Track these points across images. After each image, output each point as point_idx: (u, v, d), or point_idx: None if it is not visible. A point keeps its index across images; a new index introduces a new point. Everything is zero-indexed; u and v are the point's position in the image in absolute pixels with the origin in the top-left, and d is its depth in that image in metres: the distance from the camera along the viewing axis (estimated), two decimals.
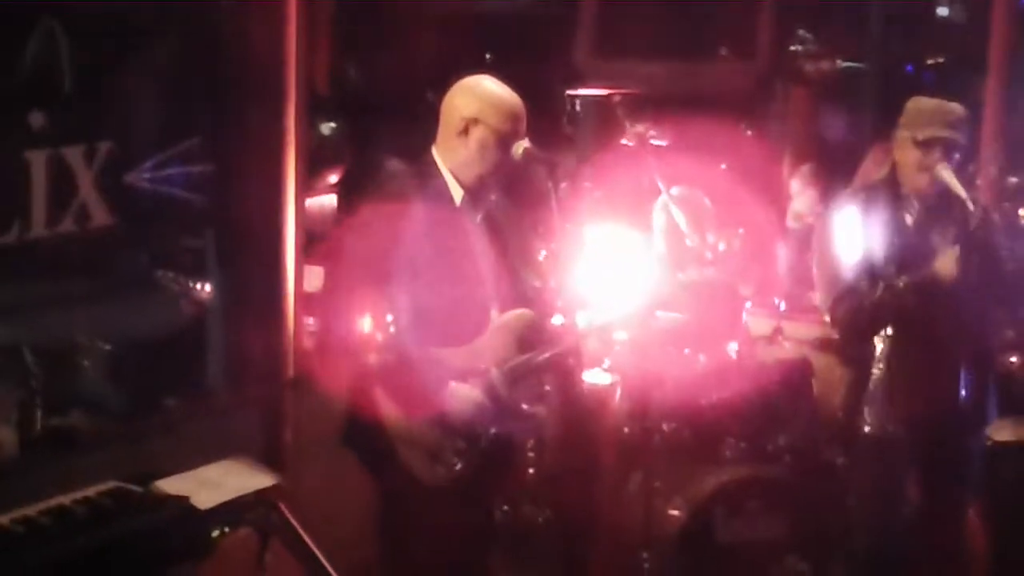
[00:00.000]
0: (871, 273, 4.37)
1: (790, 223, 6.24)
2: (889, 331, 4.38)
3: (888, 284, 4.31)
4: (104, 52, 4.12)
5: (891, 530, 4.48)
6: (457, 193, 3.86)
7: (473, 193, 3.88)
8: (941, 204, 4.34)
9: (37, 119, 3.92)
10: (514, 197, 4.04)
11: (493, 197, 3.91)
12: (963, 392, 4.40)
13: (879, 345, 4.39)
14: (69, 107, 4.00)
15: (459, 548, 3.85)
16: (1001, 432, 4.92)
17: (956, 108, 4.38)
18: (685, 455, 5.01)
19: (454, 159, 3.83)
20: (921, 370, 4.38)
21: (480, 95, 3.82)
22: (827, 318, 4.52)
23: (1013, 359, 5.17)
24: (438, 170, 3.85)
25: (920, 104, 4.41)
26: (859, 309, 4.36)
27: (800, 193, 6.23)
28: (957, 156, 4.35)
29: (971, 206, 4.23)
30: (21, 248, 3.91)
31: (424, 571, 3.84)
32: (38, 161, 3.91)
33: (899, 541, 4.48)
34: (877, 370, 4.40)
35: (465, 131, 3.80)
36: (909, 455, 4.45)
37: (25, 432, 3.69)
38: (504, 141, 3.78)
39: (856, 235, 4.39)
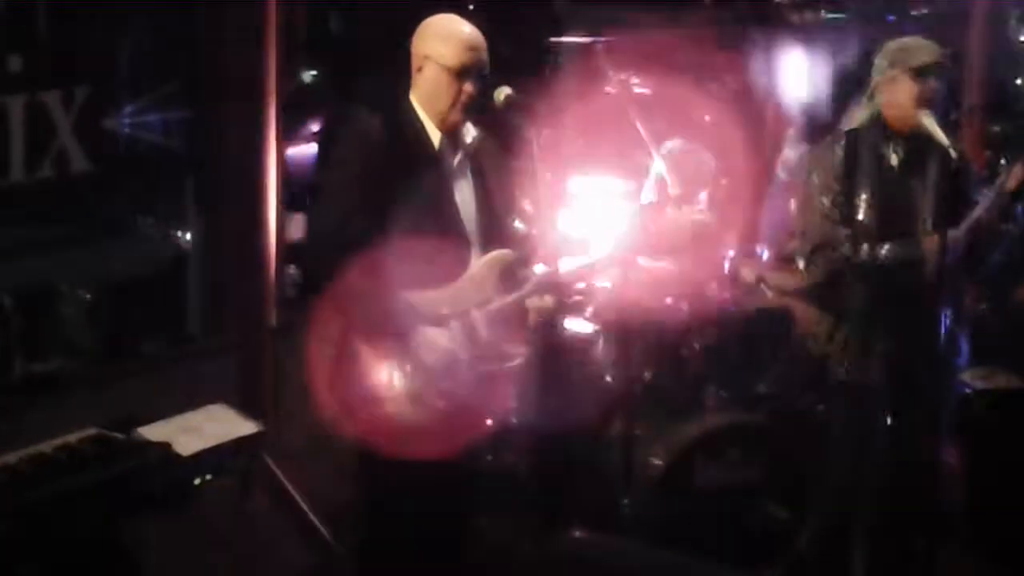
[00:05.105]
0: (852, 222, 4.37)
1: (780, 173, 6.23)
2: (867, 284, 4.39)
3: (870, 254, 4.31)
4: None
5: (867, 476, 4.51)
6: (435, 137, 3.85)
7: (451, 136, 3.87)
8: (925, 147, 4.35)
9: (14, 63, 3.88)
10: (497, 143, 4.03)
11: (470, 140, 3.90)
12: (937, 339, 4.43)
13: (856, 294, 4.41)
14: (46, 51, 3.97)
15: (440, 493, 3.87)
16: (976, 378, 4.96)
17: (933, 42, 4.45)
18: (666, 403, 5.02)
19: (420, 100, 3.84)
20: (897, 318, 4.39)
21: (431, 32, 3.83)
22: (801, 264, 4.53)
23: (983, 306, 5.21)
24: (416, 115, 3.85)
25: (902, 43, 4.45)
26: (835, 263, 4.37)
27: (793, 143, 6.22)
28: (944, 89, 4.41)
29: (953, 154, 4.24)
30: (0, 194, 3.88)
31: (405, 516, 3.85)
32: (16, 106, 3.88)
33: (875, 486, 4.52)
34: (854, 318, 4.41)
35: (420, 69, 3.81)
36: (885, 402, 4.47)
37: (5, 378, 3.69)
38: (457, 74, 3.77)
39: (837, 182, 4.39)
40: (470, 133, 3.91)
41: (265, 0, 4.59)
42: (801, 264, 4.52)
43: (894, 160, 4.43)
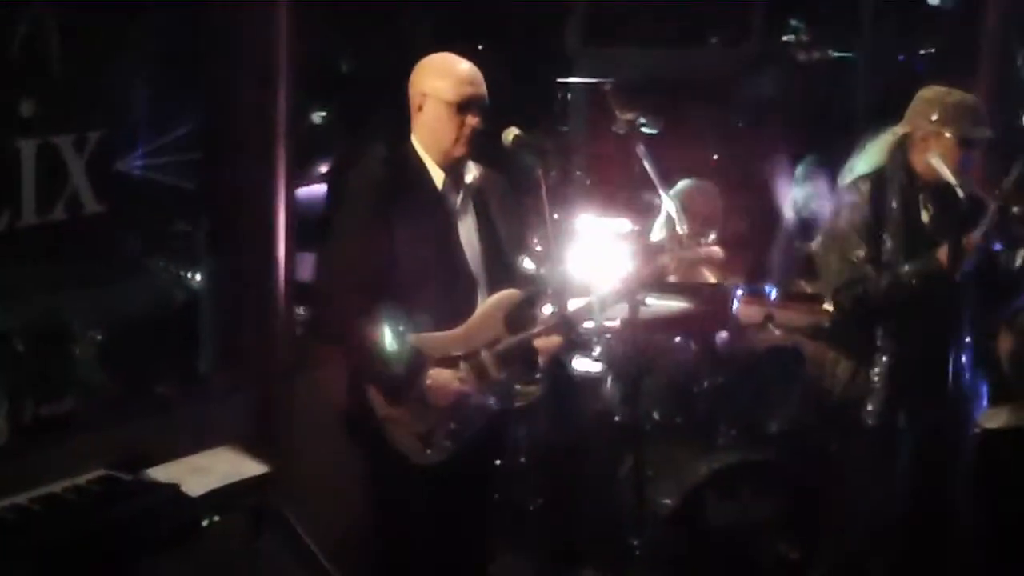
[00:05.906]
0: (878, 262, 4.36)
1: (789, 212, 6.23)
2: (890, 323, 4.38)
3: (893, 274, 4.31)
4: (94, 39, 4.11)
5: (885, 517, 4.49)
6: (438, 177, 3.88)
7: (453, 175, 3.89)
8: (953, 198, 4.31)
9: (27, 107, 3.91)
10: (501, 181, 4.05)
11: (470, 179, 3.92)
12: (960, 380, 4.41)
13: (879, 336, 4.40)
14: (59, 95, 4.00)
15: (450, 534, 3.86)
16: (993, 419, 4.93)
17: (981, 102, 4.41)
18: (676, 442, 5.02)
19: (422, 140, 3.86)
20: (922, 360, 4.38)
21: (428, 70, 3.86)
22: (828, 305, 4.51)
23: (1003, 345, 5.18)
24: (417, 156, 3.87)
25: (960, 102, 4.36)
26: (863, 298, 4.36)
27: (802, 182, 6.23)
28: None
29: (960, 193, 4.24)
30: (12, 236, 3.90)
31: (414, 556, 3.85)
32: (28, 149, 3.91)
33: (892, 527, 4.50)
34: (880, 362, 4.40)
35: (420, 108, 3.82)
36: (908, 445, 4.45)
37: (16, 420, 3.69)
38: (458, 107, 3.80)
39: (864, 223, 4.37)
40: (471, 171, 3.94)
41: (276, 42, 4.63)
42: (828, 303, 4.50)
43: (925, 216, 4.42)
